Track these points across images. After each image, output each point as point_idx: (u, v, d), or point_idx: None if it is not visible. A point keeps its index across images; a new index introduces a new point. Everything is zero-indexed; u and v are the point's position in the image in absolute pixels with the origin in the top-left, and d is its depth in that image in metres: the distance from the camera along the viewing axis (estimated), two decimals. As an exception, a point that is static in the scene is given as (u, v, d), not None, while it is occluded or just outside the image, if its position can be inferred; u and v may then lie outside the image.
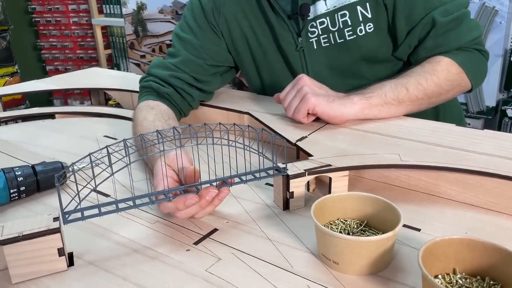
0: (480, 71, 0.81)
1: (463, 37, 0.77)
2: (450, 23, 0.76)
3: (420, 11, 0.76)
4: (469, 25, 0.78)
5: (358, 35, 0.79)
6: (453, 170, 0.58)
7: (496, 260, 0.42)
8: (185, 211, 0.53)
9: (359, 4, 0.76)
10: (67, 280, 0.47)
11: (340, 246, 0.45)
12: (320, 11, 0.79)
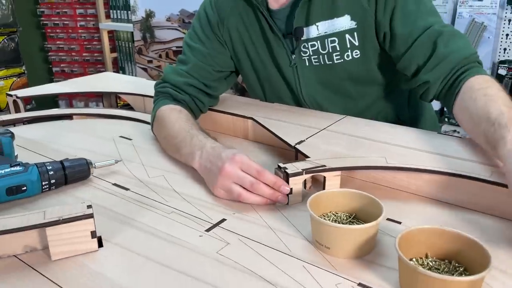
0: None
1: (469, 48, 0.78)
2: (452, 34, 0.78)
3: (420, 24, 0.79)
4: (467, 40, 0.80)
5: (345, 60, 0.86)
6: (432, 172, 0.66)
7: (460, 247, 0.50)
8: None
9: (348, 33, 0.84)
10: (98, 258, 0.55)
11: (331, 233, 0.54)
12: (312, 35, 0.86)
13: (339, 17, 0.83)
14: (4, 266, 0.54)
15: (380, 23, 0.82)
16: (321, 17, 0.84)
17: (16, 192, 0.67)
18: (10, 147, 0.78)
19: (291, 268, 0.52)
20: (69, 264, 0.54)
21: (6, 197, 0.66)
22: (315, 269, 0.52)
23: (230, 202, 0.67)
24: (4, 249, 0.55)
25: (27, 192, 0.68)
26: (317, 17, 0.84)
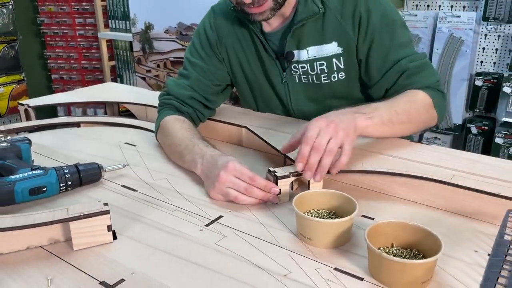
0: (443, 109, 0.95)
1: (430, 78, 0.91)
2: (418, 67, 0.91)
3: (391, 59, 0.91)
4: (432, 70, 0.94)
5: (332, 80, 0.97)
6: (402, 176, 0.76)
7: (420, 237, 0.60)
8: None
9: (335, 57, 0.94)
10: (113, 248, 0.64)
11: (312, 227, 0.63)
12: (302, 58, 0.96)
13: (327, 44, 0.94)
14: (33, 255, 0.63)
15: (359, 50, 0.93)
16: (311, 43, 0.94)
17: (37, 192, 0.76)
18: (28, 153, 0.87)
19: (278, 256, 0.62)
20: (88, 253, 0.63)
21: (29, 197, 0.75)
22: (298, 256, 0.62)
23: (226, 202, 0.76)
24: (33, 240, 0.64)
25: (47, 193, 0.77)
26: (307, 42, 0.94)
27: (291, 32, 0.94)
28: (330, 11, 0.92)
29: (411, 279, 0.54)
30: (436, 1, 1.82)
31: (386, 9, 0.92)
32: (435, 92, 0.91)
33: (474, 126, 1.78)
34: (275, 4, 0.88)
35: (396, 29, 0.92)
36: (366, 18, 0.90)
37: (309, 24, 0.93)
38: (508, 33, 1.72)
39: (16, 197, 0.74)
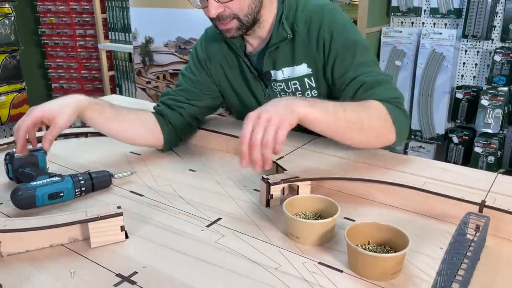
0: (403, 126, 0.95)
1: (388, 92, 0.95)
2: (375, 82, 0.96)
3: (350, 75, 0.98)
4: (391, 86, 0.98)
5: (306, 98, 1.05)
6: (380, 182, 0.86)
7: (392, 236, 0.69)
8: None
9: (306, 77, 1.05)
10: (126, 246, 0.73)
11: (300, 227, 0.73)
12: (279, 77, 1.06)
13: (298, 65, 1.04)
14: (56, 252, 0.72)
15: (326, 70, 1.03)
16: (285, 64, 1.05)
17: (55, 197, 0.85)
18: (44, 161, 0.97)
19: (270, 252, 0.71)
20: (104, 250, 0.72)
21: (48, 201, 0.84)
22: (288, 253, 0.71)
23: (224, 205, 0.86)
24: (55, 239, 0.73)
25: (63, 197, 0.86)
26: (282, 64, 1.05)
27: (266, 54, 1.05)
28: (298, 36, 1.02)
29: (382, 270, 0.64)
30: (420, 19, 1.94)
31: (349, 32, 1.01)
32: (394, 107, 0.93)
33: (455, 136, 1.89)
34: (240, 24, 0.98)
35: (357, 50, 0.99)
36: (329, 41, 1.00)
37: (281, 47, 1.04)
38: (486, 49, 1.84)
39: (37, 202, 0.83)
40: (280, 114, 0.78)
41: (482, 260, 0.70)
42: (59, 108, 0.90)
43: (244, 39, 1.08)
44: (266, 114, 0.77)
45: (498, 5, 1.75)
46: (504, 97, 1.71)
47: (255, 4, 0.99)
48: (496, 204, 0.76)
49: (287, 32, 1.02)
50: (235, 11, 0.96)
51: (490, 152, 1.76)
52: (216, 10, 0.95)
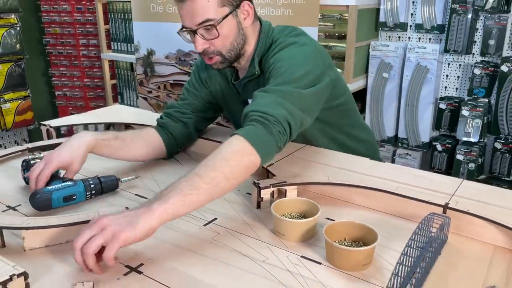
0: (263, 144, 0.88)
1: (253, 106, 0.93)
2: (257, 96, 0.96)
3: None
4: (269, 102, 0.92)
5: None
6: (359, 187, 0.97)
7: (365, 233, 0.80)
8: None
9: None
10: (133, 244, 0.83)
11: (285, 226, 0.83)
12: None
13: None
14: (70, 248, 0.82)
15: None
16: None
17: (69, 200, 0.95)
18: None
19: (260, 248, 0.81)
20: (114, 245, 0.82)
21: (62, 203, 0.94)
22: (274, 248, 0.81)
23: (219, 208, 0.96)
24: (71, 235, 0.83)
25: (76, 200, 0.96)
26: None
27: (243, 85, 1.17)
28: (266, 71, 1.09)
29: (354, 262, 0.75)
30: (406, 34, 2.06)
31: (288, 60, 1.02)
32: (250, 126, 0.89)
33: (439, 144, 2.00)
34: (223, 59, 1.09)
35: (283, 74, 0.99)
36: (269, 72, 1.05)
37: (253, 80, 1.15)
38: (467, 63, 1.95)
39: (53, 204, 0.93)
40: (118, 226, 0.72)
41: (443, 254, 0.80)
42: (71, 155, 1.00)
43: (235, 67, 1.19)
44: (103, 221, 0.73)
45: (478, 21, 1.87)
46: (483, 108, 1.82)
47: (237, 41, 1.08)
48: (458, 206, 0.87)
49: (255, 69, 1.13)
50: (218, 48, 1.07)
51: (471, 160, 1.87)
52: (202, 46, 1.05)
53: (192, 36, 1.07)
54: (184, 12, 1.03)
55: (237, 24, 1.07)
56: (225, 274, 0.74)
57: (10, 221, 0.86)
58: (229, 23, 1.04)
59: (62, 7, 3.02)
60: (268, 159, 0.91)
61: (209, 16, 1.01)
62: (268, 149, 0.89)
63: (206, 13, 1.01)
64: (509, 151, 1.84)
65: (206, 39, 1.05)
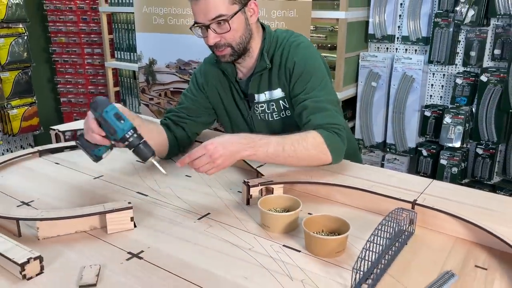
0: (338, 148, 1.15)
1: (325, 119, 1.15)
2: (316, 108, 1.16)
3: (302, 97, 1.20)
4: (329, 113, 1.17)
5: (281, 117, 1.30)
6: (339, 186, 1.07)
7: (340, 225, 0.90)
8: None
9: (281, 100, 1.27)
10: (134, 233, 0.94)
11: (271, 218, 0.94)
12: (261, 99, 1.29)
13: (274, 90, 1.27)
14: (80, 237, 0.92)
15: (290, 92, 1.25)
16: (266, 89, 1.28)
17: (119, 118, 0.98)
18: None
19: (247, 238, 0.92)
20: (118, 235, 0.93)
21: (113, 118, 0.98)
22: (260, 238, 0.92)
23: (211, 203, 1.07)
24: (80, 227, 0.94)
25: (121, 126, 0.98)
26: (263, 88, 1.28)
27: (252, 80, 1.28)
28: (274, 66, 1.26)
29: (329, 249, 0.85)
30: (393, 45, 2.18)
31: (307, 61, 1.22)
32: (330, 134, 1.13)
33: (425, 149, 2.10)
34: (233, 51, 1.21)
35: (312, 77, 1.21)
36: (292, 70, 1.23)
37: (263, 74, 1.27)
38: (450, 73, 2.06)
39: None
40: (224, 158, 1.02)
41: (409, 244, 0.91)
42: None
43: (236, 67, 1.31)
44: (215, 154, 1.01)
45: (460, 34, 1.98)
46: (465, 115, 1.92)
47: (245, 35, 1.22)
48: (425, 202, 0.97)
49: (266, 63, 1.25)
50: (229, 41, 1.19)
51: (454, 164, 1.97)
52: (214, 39, 1.18)
53: (204, 31, 1.18)
54: (198, 9, 1.15)
55: (245, 20, 1.20)
56: (216, 260, 0.85)
57: (25, 213, 0.97)
58: (238, 18, 1.17)
59: (68, 17, 3.15)
60: (339, 158, 1.18)
61: (222, 12, 1.14)
62: (339, 152, 1.16)
63: (219, 9, 1.13)
64: (490, 156, 1.95)
65: (217, 33, 1.17)
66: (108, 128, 1.00)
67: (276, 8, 2.03)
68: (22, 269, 0.78)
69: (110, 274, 0.80)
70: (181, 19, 2.29)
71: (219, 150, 1.02)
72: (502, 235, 0.86)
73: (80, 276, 0.79)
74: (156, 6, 2.36)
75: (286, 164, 1.13)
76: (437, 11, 1.98)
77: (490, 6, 1.82)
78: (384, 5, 2.09)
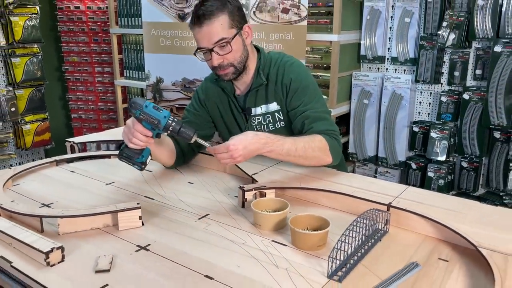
0: (337, 151, 1.34)
1: (325, 126, 1.34)
2: (316, 117, 1.34)
3: (300, 109, 1.37)
4: (328, 121, 1.37)
5: (276, 128, 1.44)
6: (324, 191, 1.20)
7: (322, 224, 1.03)
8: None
9: (276, 112, 1.43)
10: (143, 230, 1.07)
11: (262, 218, 1.07)
12: (257, 112, 1.45)
13: (270, 103, 1.42)
14: (94, 233, 1.06)
15: (287, 106, 1.41)
16: (262, 102, 1.43)
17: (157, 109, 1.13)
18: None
19: (241, 234, 1.05)
20: (127, 232, 1.06)
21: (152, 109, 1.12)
22: (252, 235, 1.05)
23: (211, 205, 1.20)
24: (94, 224, 1.07)
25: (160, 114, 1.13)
26: (259, 102, 1.43)
27: (249, 95, 1.43)
28: (270, 83, 1.42)
29: (311, 243, 0.98)
30: (384, 65, 2.33)
31: (302, 78, 1.39)
32: (331, 139, 1.32)
33: (414, 162, 2.23)
34: (235, 70, 1.37)
35: (308, 91, 1.38)
36: (289, 85, 1.39)
37: (259, 90, 1.42)
38: (436, 91, 2.21)
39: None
40: (245, 156, 1.18)
41: (382, 241, 1.03)
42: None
43: (234, 85, 1.46)
44: (235, 154, 1.16)
45: (445, 55, 2.13)
46: (449, 130, 2.06)
47: (244, 55, 1.38)
48: (399, 205, 1.10)
49: (263, 80, 1.40)
50: (231, 61, 1.35)
51: (440, 176, 2.09)
52: (217, 61, 1.33)
53: (208, 55, 1.34)
54: (201, 35, 1.31)
55: (242, 42, 1.36)
56: (213, 252, 0.97)
57: (47, 212, 1.11)
58: (237, 40, 1.33)
59: (80, 38, 3.35)
60: (338, 159, 1.36)
61: (223, 35, 1.30)
62: (338, 155, 1.35)
63: (221, 33, 1.30)
64: (474, 169, 2.07)
65: (220, 55, 1.33)
66: (151, 121, 1.13)
67: (274, 31, 2.20)
68: (46, 257, 0.91)
69: (121, 262, 0.93)
70: (186, 41, 2.47)
71: (239, 150, 1.16)
72: (464, 233, 0.98)
73: (95, 264, 0.92)
74: (164, 29, 2.55)
75: (295, 162, 1.29)
76: (422, 35, 2.14)
77: (470, 30, 1.97)
78: (375, 28, 2.26)
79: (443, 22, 2.02)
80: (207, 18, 1.29)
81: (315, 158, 1.30)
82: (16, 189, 1.33)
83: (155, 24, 2.57)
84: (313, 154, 1.28)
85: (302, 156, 1.27)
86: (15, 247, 0.97)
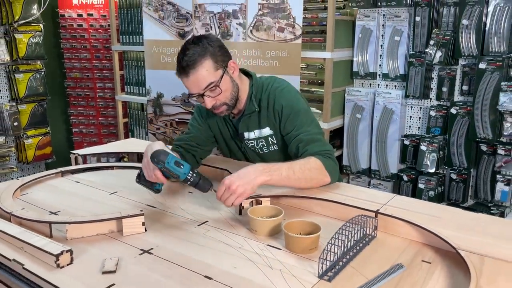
0: (334, 171, 1.36)
1: (319, 147, 1.37)
2: (310, 140, 1.37)
3: (294, 133, 1.41)
4: (322, 142, 1.40)
5: (270, 151, 1.52)
6: (317, 199, 1.28)
7: (314, 229, 1.10)
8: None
9: (269, 136, 1.50)
10: (145, 235, 1.14)
11: (257, 223, 1.14)
12: (251, 137, 1.52)
13: (263, 128, 1.49)
14: (100, 238, 1.12)
15: (281, 130, 1.47)
16: (255, 128, 1.50)
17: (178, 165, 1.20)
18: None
19: (238, 239, 1.11)
20: (131, 237, 1.13)
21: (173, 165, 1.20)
22: (248, 239, 1.12)
23: (210, 213, 1.27)
24: (99, 230, 1.14)
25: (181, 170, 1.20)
26: (252, 127, 1.50)
27: (241, 121, 1.50)
28: (263, 109, 1.47)
29: (303, 246, 1.05)
30: (376, 81, 2.43)
31: (293, 104, 1.44)
32: (325, 159, 1.34)
33: (405, 175, 2.31)
34: (228, 107, 1.43)
35: (299, 116, 1.43)
36: (281, 111, 1.45)
37: (252, 116, 1.49)
38: (426, 106, 2.30)
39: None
40: (242, 186, 1.18)
41: (370, 245, 1.10)
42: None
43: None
44: (233, 186, 1.18)
45: (433, 72, 2.24)
46: (438, 143, 2.14)
47: (235, 91, 1.44)
48: (386, 212, 1.18)
49: (255, 107, 1.48)
50: (223, 100, 1.41)
51: (430, 188, 2.17)
52: (210, 103, 1.40)
53: (200, 98, 1.40)
54: (190, 83, 1.37)
55: (230, 78, 1.42)
56: (212, 255, 1.04)
57: (56, 219, 1.18)
58: (225, 80, 1.39)
59: (83, 55, 3.45)
60: (336, 178, 1.38)
61: (211, 80, 1.35)
62: (335, 173, 1.38)
63: (208, 79, 1.34)
64: (463, 181, 2.15)
65: (211, 97, 1.39)
66: (171, 175, 1.22)
67: (270, 49, 2.30)
68: (56, 259, 0.97)
69: (126, 264, 1.00)
70: (186, 58, 2.57)
71: (235, 182, 1.18)
72: (446, 237, 1.05)
73: (102, 265, 0.98)
74: (164, 47, 2.65)
75: (296, 186, 1.31)
76: (411, 52, 2.24)
77: (456, 48, 2.08)
78: (366, 46, 2.36)
79: (430, 40, 2.13)
80: (191, 67, 1.32)
81: (314, 179, 1.32)
82: (24, 198, 1.39)
83: (156, 42, 2.67)
84: (311, 175, 1.30)
85: (301, 178, 1.29)
86: (26, 251, 1.03)
